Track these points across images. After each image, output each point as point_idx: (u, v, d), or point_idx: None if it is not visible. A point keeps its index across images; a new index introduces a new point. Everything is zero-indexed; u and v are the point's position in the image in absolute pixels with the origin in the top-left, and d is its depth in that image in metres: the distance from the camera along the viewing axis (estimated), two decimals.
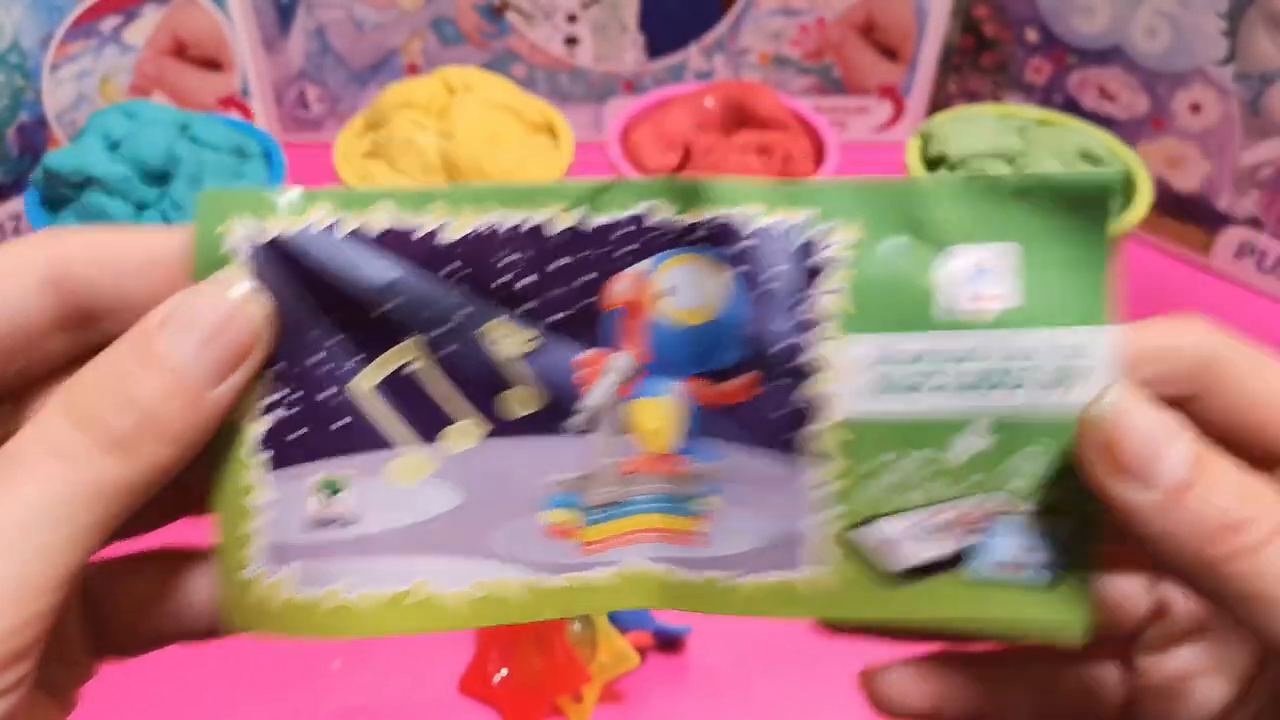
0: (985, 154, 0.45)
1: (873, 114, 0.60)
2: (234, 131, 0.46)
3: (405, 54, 0.56)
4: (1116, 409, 0.15)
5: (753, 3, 0.55)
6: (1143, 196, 0.45)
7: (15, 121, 0.49)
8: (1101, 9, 0.50)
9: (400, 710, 0.33)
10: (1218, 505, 0.14)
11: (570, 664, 0.32)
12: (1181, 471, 0.15)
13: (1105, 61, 0.51)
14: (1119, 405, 0.15)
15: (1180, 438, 0.15)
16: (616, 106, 0.58)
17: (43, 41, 0.49)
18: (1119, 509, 0.15)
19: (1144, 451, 0.15)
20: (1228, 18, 0.47)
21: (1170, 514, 0.15)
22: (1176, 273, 0.52)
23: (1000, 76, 0.56)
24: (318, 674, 0.34)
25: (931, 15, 0.56)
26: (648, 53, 0.57)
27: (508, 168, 0.44)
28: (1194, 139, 0.50)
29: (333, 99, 0.58)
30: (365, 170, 0.45)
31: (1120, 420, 0.15)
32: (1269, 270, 0.50)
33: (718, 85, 0.49)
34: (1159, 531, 0.15)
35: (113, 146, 0.42)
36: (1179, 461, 0.15)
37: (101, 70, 0.52)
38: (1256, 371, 0.17)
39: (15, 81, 0.48)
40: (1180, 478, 0.15)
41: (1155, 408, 0.15)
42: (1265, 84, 0.47)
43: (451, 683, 0.34)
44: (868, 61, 0.58)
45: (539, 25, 0.55)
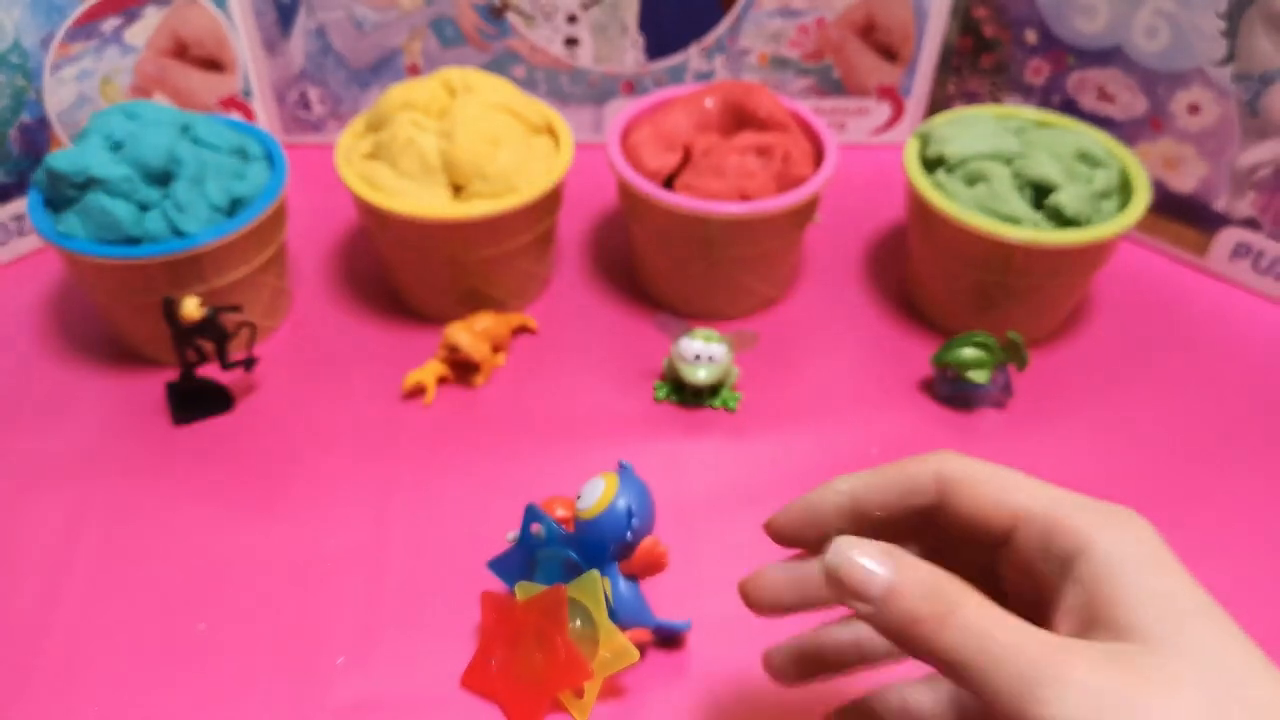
0: (984, 155, 0.45)
1: (872, 115, 0.60)
2: (236, 132, 0.46)
3: (406, 55, 0.57)
4: (833, 558, 0.23)
5: (752, 4, 0.55)
6: (1140, 197, 0.45)
7: (17, 122, 0.49)
8: (1101, 10, 0.51)
9: (403, 705, 0.34)
10: (910, 605, 0.22)
11: (571, 660, 0.32)
12: (880, 590, 0.22)
13: (1104, 62, 0.52)
14: (834, 555, 0.23)
15: (877, 570, 0.23)
16: (616, 107, 0.59)
17: (44, 42, 0.49)
18: (858, 617, 0.23)
19: (854, 584, 0.23)
20: (1227, 18, 0.47)
21: (882, 615, 0.22)
22: (1174, 274, 0.53)
23: (999, 77, 0.56)
24: (321, 669, 0.34)
25: (931, 16, 0.56)
26: (648, 54, 0.57)
27: (508, 169, 0.44)
28: (1192, 140, 0.50)
29: (334, 100, 0.58)
30: (366, 171, 0.45)
31: (836, 564, 0.23)
32: (1265, 271, 0.51)
33: (717, 86, 0.50)
34: (880, 627, 0.23)
35: (115, 147, 0.42)
36: (879, 585, 0.22)
37: (103, 71, 0.52)
38: (976, 483, 0.25)
39: (16, 82, 0.48)
40: (881, 594, 0.22)
41: (863, 548, 0.23)
42: (1264, 85, 0.47)
43: (454, 678, 0.34)
44: (867, 62, 0.58)
45: (539, 26, 0.56)
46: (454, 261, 0.45)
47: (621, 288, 0.51)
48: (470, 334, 0.44)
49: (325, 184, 0.51)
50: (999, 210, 0.44)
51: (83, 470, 0.41)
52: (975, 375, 0.43)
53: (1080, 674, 0.21)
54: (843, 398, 0.45)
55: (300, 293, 0.50)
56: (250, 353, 0.43)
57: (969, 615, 0.22)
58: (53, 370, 0.46)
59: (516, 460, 0.42)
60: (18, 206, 0.51)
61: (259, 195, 0.44)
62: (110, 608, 0.36)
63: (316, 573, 0.37)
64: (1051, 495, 0.25)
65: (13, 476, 0.41)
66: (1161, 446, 0.43)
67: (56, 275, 0.51)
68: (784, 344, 0.48)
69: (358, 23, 0.55)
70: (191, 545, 0.38)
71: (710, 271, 0.47)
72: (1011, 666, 0.21)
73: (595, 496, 0.33)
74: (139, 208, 0.42)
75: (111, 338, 0.47)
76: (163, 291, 0.42)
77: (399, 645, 0.35)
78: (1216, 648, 0.22)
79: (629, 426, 0.43)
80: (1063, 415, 0.44)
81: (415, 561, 0.38)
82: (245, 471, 0.41)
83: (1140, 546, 0.24)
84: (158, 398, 0.44)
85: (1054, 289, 0.45)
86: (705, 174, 0.45)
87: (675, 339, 0.43)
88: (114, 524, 0.39)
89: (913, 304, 0.50)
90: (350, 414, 0.44)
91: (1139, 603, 0.23)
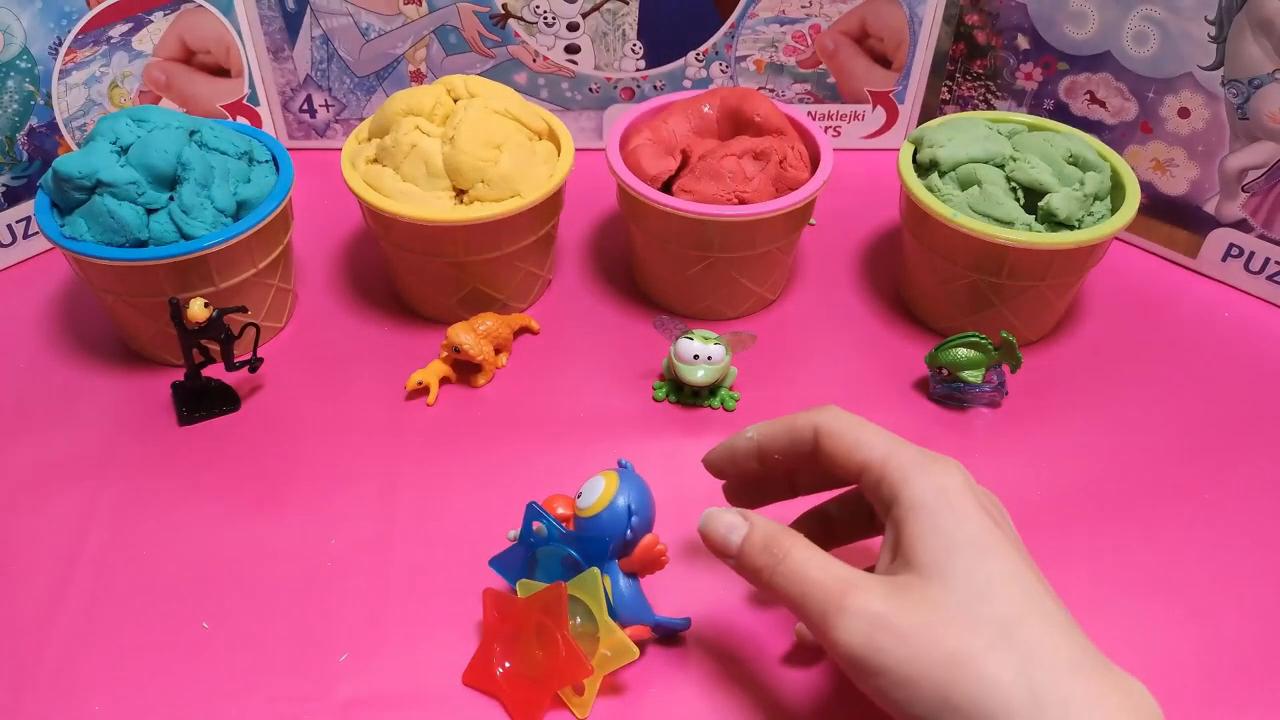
0: (976, 159, 0.46)
1: (867, 120, 0.61)
2: (242, 137, 0.46)
3: (410, 61, 0.57)
4: (702, 524, 0.31)
5: (749, 11, 0.56)
6: (1131, 200, 0.45)
7: (26, 126, 0.50)
8: (1091, 16, 0.51)
9: (405, 702, 0.34)
10: (756, 556, 0.29)
11: (572, 657, 0.32)
12: (735, 548, 0.30)
13: (1095, 68, 0.52)
14: (704, 520, 0.31)
15: (734, 530, 0.30)
16: (616, 113, 0.59)
17: (52, 48, 0.49)
18: (730, 567, 0.30)
19: (717, 543, 0.30)
20: (1216, 24, 0.47)
21: (739, 565, 0.30)
22: (1165, 275, 0.53)
23: (992, 83, 0.56)
24: (324, 666, 0.35)
25: (924, 23, 0.56)
26: (647, 60, 0.58)
27: (510, 173, 0.45)
28: (1182, 144, 0.51)
29: (338, 105, 0.59)
30: (371, 176, 0.46)
31: (705, 524, 0.31)
32: (1255, 272, 0.51)
33: (715, 92, 0.50)
34: (739, 572, 0.30)
35: (122, 151, 0.42)
36: (734, 543, 0.30)
37: (111, 76, 0.52)
38: (837, 434, 0.30)
39: (25, 87, 0.49)
40: (736, 550, 0.30)
41: (721, 516, 0.30)
42: (1253, 89, 0.48)
43: (456, 675, 0.35)
44: (861, 68, 0.58)
45: (540, 33, 0.56)
46: (457, 264, 0.46)
47: (621, 289, 0.51)
48: (473, 335, 0.45)
49: (330, 188, 0.51)
50: (992, 213, 0.44)
51: (89, 470, 0.41)
52: (969, 375, 0.44)
53: (860, 603, 0.26)
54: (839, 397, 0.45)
55: (305, 294, 0.51)
56: (255, 353, 0.44)
57: (793, 561, 0.28)
58: (60, 371, 0.46)
59: (518, 459, 0.42)
60: (26, 210, 0.52)
61: (264, 199, 0.44)
62: (116, 604, 0.37)
63: (319, 571, 0.38)
64: (889, 448, 0.29)
65: (20, 476, 0.41)
66: (1154, 445, 0.44)
67: (64, 277, 0.51)
68: (781, 344, 0.48)
69: (362, 30, 0.56)
70: (196, 543, 0.39)
71: (708, 273, 0.47)
72: (816, 599, 0.27)
73: (595, 495, 0.34)
74: (145, 211, 0.42)
75: (118, 339, 0.47)
76: (169, 293, 0.42)
77: (401, 642, 0.36)
78: (977, 575, 0.26)
79: (629, 426, 0.44)
80: (1056, 415, 0.45)
81: (417, 559, 0.38)
82: (250, 471, 0.42)
83: (939, 494, 0.28)
84: (164, 398, 0.45)
85: (1046, 290, 0.46)
86: (703, 178, 0.46)
87: (674, 340, 0.44)
88: (120, 523, 0.39)
89: (907, 305, 0.51)
90: (354, 414, 0.44)
91: (924, 541, 0.27)
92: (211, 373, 0.44)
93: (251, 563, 0.38)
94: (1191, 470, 0.43)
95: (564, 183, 0.47)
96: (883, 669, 0.26)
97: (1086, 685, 0.25)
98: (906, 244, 0.49)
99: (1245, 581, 0.38)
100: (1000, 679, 0.24)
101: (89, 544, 0.39)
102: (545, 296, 0.51)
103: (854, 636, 0.26)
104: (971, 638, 0.25)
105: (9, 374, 0.46)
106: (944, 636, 0.25)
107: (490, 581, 0.36)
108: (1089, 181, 0.45)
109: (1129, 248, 0.55)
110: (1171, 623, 0.37)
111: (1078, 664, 0.25)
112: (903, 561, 0.27)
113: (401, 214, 0.44)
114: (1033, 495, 0.41)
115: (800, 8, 0.56)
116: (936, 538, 0.27)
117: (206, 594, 0.37)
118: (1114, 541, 0.40)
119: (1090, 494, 0.41)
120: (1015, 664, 0.25)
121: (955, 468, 0.29)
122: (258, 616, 0.36)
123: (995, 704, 0.24)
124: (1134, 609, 0.37)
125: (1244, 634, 0.36)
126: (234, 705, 0.34)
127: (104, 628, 0.36)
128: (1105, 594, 0.38)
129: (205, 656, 0.35)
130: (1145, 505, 0.41)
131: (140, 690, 0.34)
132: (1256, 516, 0.41)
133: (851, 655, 0.26)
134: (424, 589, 0.37)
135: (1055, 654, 0.25)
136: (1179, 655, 0.36)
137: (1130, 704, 0.25)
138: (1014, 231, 0.44)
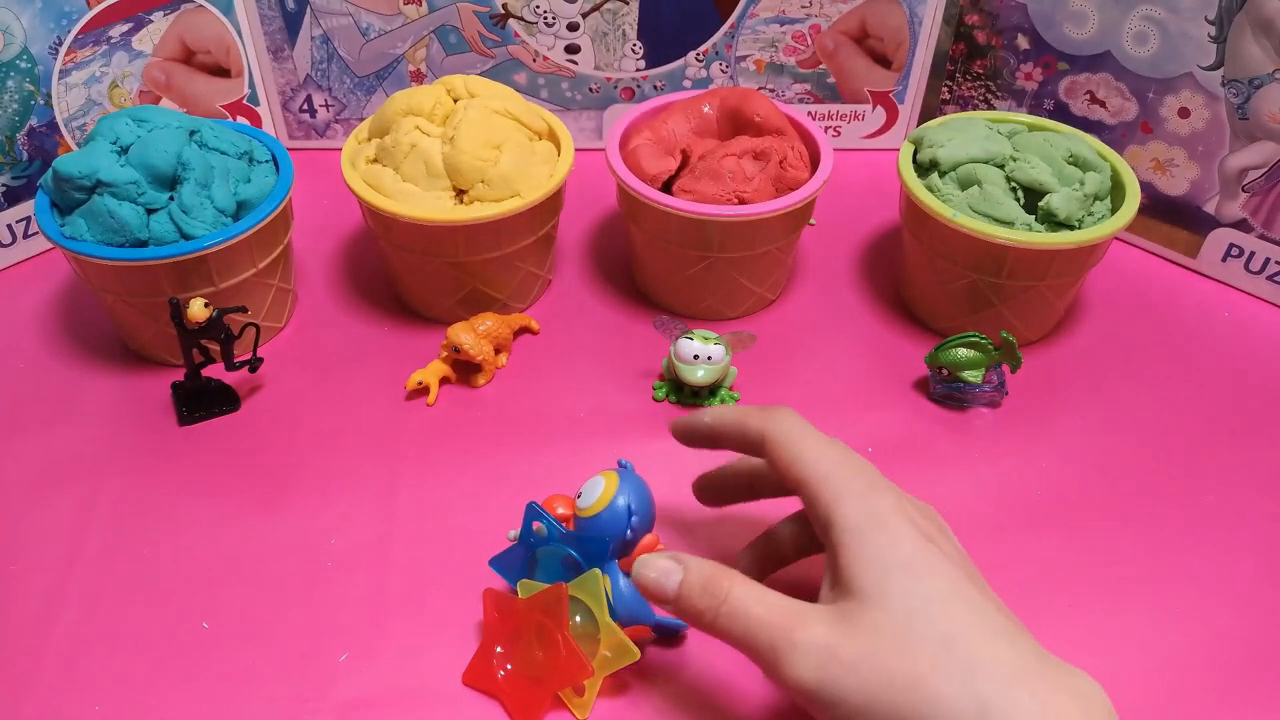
0: (976, 159, 0.46)
1: (867, 120, 0.61)
2: (242, 136, 0.46)
3: (410, 61, 0.57)
4: (635, 571, 0.30)
5: (749, 11, 0.56)
6: (1131, 200, 0.45)
7: (26, 126, 0.50)
8: (1091, 16, 0.51)
9: (405, 702, 0.34)
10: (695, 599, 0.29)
11: (572, 657, 0.32)
12: (672, 593, 0.29)
13: (1095, 68, 0.52)
14: (637, 568, 0.30)
15: (668, 575, 0.30)
16: (616, 113, 0.59)
17: (52, 48, 0.49)
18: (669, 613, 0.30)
19: (652, 590, 0.30)
20: (1216, 24, 0.48)
21: (678, 610, 0.30)
22: (1165, 275, 0.53)
23: (992, 83, 0.56)
24: (324, 666, 0.35)
25: (924, 23, 0.56)
26: (647, 61, 0.58)
27: (510, 173, 0.45)
28: (1182, 144, 0.51)
29: (338, 105, 0.59)
30: (371, 176, 0.46)
31: (639, 572, 0.30)
32: (1256, 272, 0.51)
33: (715, 92, 0.50)
34: (679, 617, 0.30)
35: (122, 151, 0.42)
36: (670, 590, 0.29)
37: (111, 76, 0.52)
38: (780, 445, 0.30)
39: (25, 87, 0.49)
40: (674, 596, 0.29)
41: (655, 562, 0.30)
42: (1253, 89, 0.48)
43: (455, 675, 0.35)
44: (861, 68, 0.58)
45: (540, 33, 0.56)
46: (456, 264, 0.46)
47: (621, 289, 0.51)
48: (473, 334, 0.45)
49: (330, 188, 0.51)
50: (992, 213, 0.44)
51: (89, 469, 0.42)
52: (969, 375, 0.44)
53: (806, 636, 0.27)
54: (838, 397, 0.46)
55: (305, 294, 0.51)
56: (255, 353, 0.44)
57: (734, 601, 0.28)
58: (60, 371, 0.46)
59: (518, 459, 0.42)
60: (26, 210, 0.52)
61: (264, 199, 0.44)
62: (116, 604, 0.37)
63: (320, 571, 0.38)
64: (828, 468, 0.29)
65: (20, 476, 0.41)
66: (1154, 446, 0.44)
67: (64, 277, 0.51)
68: (781, 344, 0.48)
69: (362, 30, 0.56)
70: (196, 543, 0.39)
71: (708, 273, 0.47)
72: (763, 638, 0.27)
73: (595, 495, 0.34)
74: (145, 211, 0.42)
75: (118, 339, 0.47)
76: (169, 293, 0.42)
77: (401, 642, 0.36)
78: (913, 596, 0.26)
79: (629, 426, 0.44)
80: (1056, 415, 0.45)
81: (418, 559, 0.38)
82: (249, 471, 0.42)
83: (870, 519, 0.28)
84: (164, 398, 0.45)
85: (1046, 290, 0.46)
86: (703, 178, 0.46)
87: (674, 339, 0.44)
88: (120, 522, 0.40)
89: (907, 305, 0.51)
90: (354, 414, 0.44)
91: (859, 566, 0.27)
92: (211, 373, 0.44)
93: (251, 562, 0.38)
94: (1191, 470, 0.43)
95: (564, 183, 0.47)
96: (838, 700, 0.26)
97: (1031, 691, 0.25)
98: (906, 244, 0.49)
99: (1246, 581, 0.38)
100: (945, 694, 0.25)
101: (89, 544, 0.39)
102: (545, 296, 0.51)
103: (806, 671, 0.26)
104: (915, 659, 0.25)
105: (9, 374, 0.46)
106: (888, 661, 0.25)
107: (490, 581, 0.36)
108: (1089, 181, 0.45)
109: (1129, 248, 0.55)
110: (1172, 622, 0.37)
111: (1022, 670, 0.25)
112: (842, 589, 0.27)
113: (401, 214, 0.44)
114: (1033, 495, 0.41)
115: (800, 8, 0.56)
116: (872, 562, 0.27)
117: (206, 594, 0.37)
118: (1114, 541, 0.40)
119: (1090, 494, 0.41)
120: (959, 679, 0.25)
121: (888, 489, 0.29)
122: (258, 616, 0.36)
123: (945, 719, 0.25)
124: (1134, 608, 0.37)
125: (1245, 633, 0.37)
126: (234, 705, 0.34)
127: (104, 628, 0.36)
128: (1105, 593, 0.38)
129: (205, 656, 0.35)
130: (1145, 505, 0.41)
131: (140, 690, 0.34)
132: (1257, 516, 0.41)
133: (806, 690, 0.26)
134: (424, 589, 0.37)
135: (998, 664, 0.25)
136: (1180, 655, 0.36)
137: (1078, 704, 0.25)
138: (1014, 231, 0.44)
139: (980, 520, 0.40)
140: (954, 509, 0.40)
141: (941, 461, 0.43)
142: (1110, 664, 0.35)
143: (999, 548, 0.39)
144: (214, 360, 0.43)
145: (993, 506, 0.41)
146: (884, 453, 0.43)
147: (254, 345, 0.44)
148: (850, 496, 0.28)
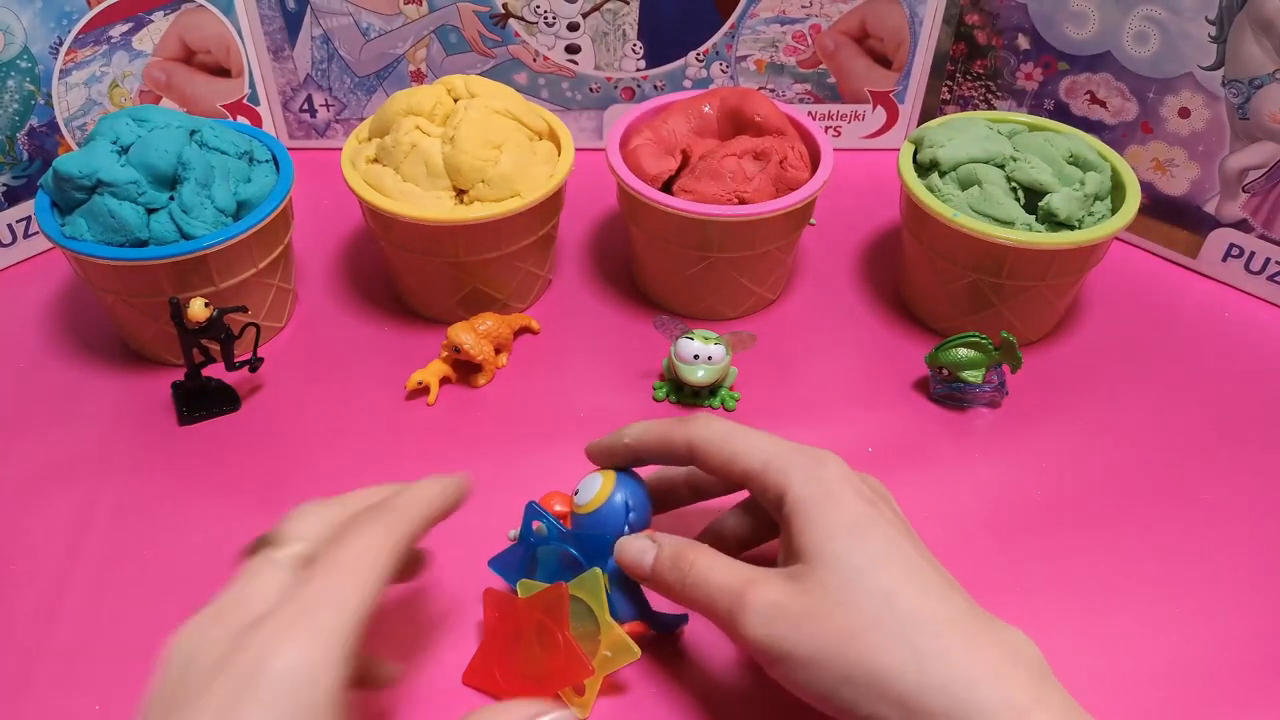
0: (977, 159, 0.46)
1: (867, 120, 0.61)
2: (243, 136, 0.46)
3: (410, 61, 0.57)
4: (616, 552, 0.33)
5: (749, 11, 0.56)
6: (1131, 200, 0.45)
7: (26, 126, 0.50)
8: (1091, 16, 0.51)
9: (404, 702, 0.34)
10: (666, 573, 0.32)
11: (573, 657, 0.32)
12: (648, 569, 0.32)
13: (1095, 68, 0.52)
14: (618, 549, 0.33)
15: (644, 553, 0.32)
16: (616, 113, 0.59)
17: (53, 47, 0.49)
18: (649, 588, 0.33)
19: (632, 566, 0.33)
20: (1216, 24, 0.48)
21: (653, 583, 0.32)
22: (1165, 275, 0.53)
23: (992, 83, 0.56)
24: None
25: (924, 23, 0.56)
26: (647, 61, 0.58)
27: (510, 173, 0.45)
28: (1182, 144, 0.51)
29: (339, 105, 0.59)
30: (371, 175, 0.46)
31: (619, 553, 0.33)
32: (1256, 272, 0.51)
33: (715, 92, 0.50)
34: (654, 590, 0.32)
35: (122, 151, 0.42)
36: (646, 565, 0.32)
37: (111, 76, 0.52)
38: (714, 446, 0.32)
39: (26, 87, 0.49)
40: (649, 570, 0.32)
41: (632, 542, 0.33)
42: (1253, 89, 0.48)
43: (455, 675, 0.35)
44: (862, 68, 0.58)
45: (540, 33, 0.56)
46: (457, 264, 0.46)
47: (621, 289, 0.51)
48: (473, 334, 0.45)
49: (330, 188, 0.51)
50: (992, 213, 0.44)
51: (89, 469, 0.42)
52: (969, 375, 0.44)
53: (759, 597, 0.29)
54: (839, 397, 0.46)
55: (305, 294, 0.51)
56: (255, 353, 0.44)
57: (697, 571, 0.31)
58: (60, 370, 0.46)
59: (518, 459, 0.42)
60: (26, 209, 0.52)
61: (265, 198, 0.45)
62: (116, 604, 0.37)
63: None
64: (767, 455, 0.31)
65: (21, 475, 0.41)
66: (1154, 446, 0.44)
67: (64, 277, 0.51)
68: (781, 344, 0.48)
69: (363, 30, 0.56)
70: (197, 543, 0.39)
71: (708, 273, 0.47)
72: (722, 601, 0.30)
73: (592, 491, 0.34)
74: (146, 210, 0.42)
75: (118, 339, 0.47)
76: (169, 293, 0.42)
77: (401, 642, 0.36)
78: (857, 555, 0.28)
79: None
80: (1056, 415, 0.45)
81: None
82: (250, 470, 0.42)
83: (817, 486, 0.30)
84: (164, 397, 0.45)
85: (1047, 290, 0.46)
86: (703, 178, 0.46)
87: (674, 339, 0.44)
88: (120, 522, 0.40)
89: (907, 305, 0.51)
90: (354, 413, 0.44)
91: (808, 532, 0.29)
92: (211, 372, 0.44)
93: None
94: (1192, 470, 0.43)
95: (564, 183, 0.47)
96: (786, 654, 0.28)
97: (964, 639, 0.27)
98: (906, 244, 0.49)
99: (1246, 581, 0.38)
100: (885, 647, 0.27)
101: (89, 543, 0.39)
102: (545, 296, 0.51)
103: (757, 629, 0.29)
104: (857, 613, 0.27)
105: (9, 374, 0.46)
106: (833, 615, 0.28)
107: (490, 581, 0.36)
108: (1089, 181, 0.45)
109: (1129, 248, 0.55)
110: (1172, 622, 0.37)
111: (956, 624, 0.27)
112: (794, 554, 0.30)
113: (401, 214, 0.44)
114: (1033, 495, 0.41)
115: (800, 8, 0.56)
116: (819, 527, 0.29)
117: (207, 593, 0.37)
118: (1114, 540, 0.40)
119: (1090, 494, 0.41)
120: (898, 630, 0.27)
121: (831, 459, 0.31)
122: None
123: (884, 670, 0.27)
124: (1134, 608, 0.37)
125: (1245, 633, 0.37)
126: None
127: (104, 627, 0.36)
128: (1106, 593, 0.38)
129: None
130: (1145, 505, 0.41)
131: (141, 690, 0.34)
132: (1257, 516, 0.41)
133: (758, 645, 0.29)
134: (424, 589, 0.37)
135: (933, 616, 0.27)
136: (1181, 654, 0.36)
137: (1006, 651, 0.27)
138: (1014, 231, 0.44)
139: (980, 520, 0.40)
140: (954, 509, 0.41)
141: (941, 461, 0.43)
142: (1110, 663, 0.35)
143: (999, 548, 0.39)
144: (214, 360, 0.43)
145: (993, 506, 0.41)
146: (884, 453, 0.43)
147: (254, 345, 0.44)
148: (797, 471, 0.30)
